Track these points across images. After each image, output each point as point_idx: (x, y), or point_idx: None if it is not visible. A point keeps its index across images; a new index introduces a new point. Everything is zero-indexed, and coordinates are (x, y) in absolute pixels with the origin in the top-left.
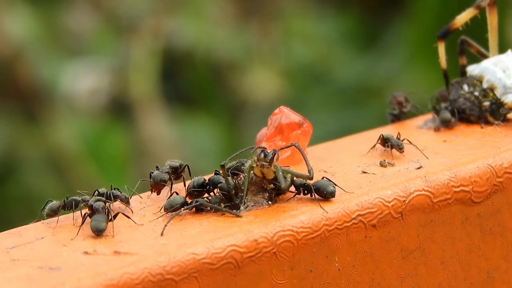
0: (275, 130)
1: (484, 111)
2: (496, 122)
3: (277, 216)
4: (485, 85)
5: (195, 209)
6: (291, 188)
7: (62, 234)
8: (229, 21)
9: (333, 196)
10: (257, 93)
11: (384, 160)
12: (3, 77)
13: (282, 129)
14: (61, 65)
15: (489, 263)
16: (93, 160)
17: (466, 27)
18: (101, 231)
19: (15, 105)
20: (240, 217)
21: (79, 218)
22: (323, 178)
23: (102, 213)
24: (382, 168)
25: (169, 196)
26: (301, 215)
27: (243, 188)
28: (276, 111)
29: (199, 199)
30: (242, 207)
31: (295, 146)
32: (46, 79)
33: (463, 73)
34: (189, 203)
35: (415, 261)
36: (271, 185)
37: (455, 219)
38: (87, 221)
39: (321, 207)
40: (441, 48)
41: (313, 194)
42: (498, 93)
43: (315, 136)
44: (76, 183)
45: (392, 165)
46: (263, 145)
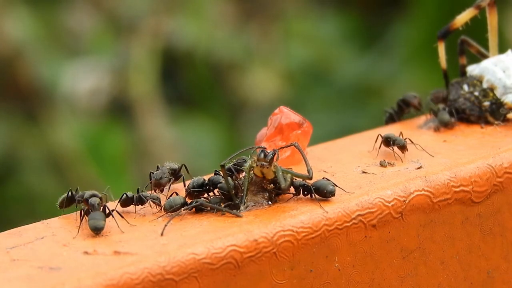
0: (275, 130)
1: (484, 111)
2: (496, 122)
3: (277, 216)
4: (485, 85)
5: (195, 209)
6: (291, 189)
7: (62, 234)
8: (229, 21)
9: (333, 195)
10: (257, 93)
11: (384, 160)
12: (3, 77)
13: (282, 129)
14: (61, 65)
15: (489, 263)
16: (93, 160)
17: (466, 27)
18: (100, 229)
19: (15, 105)
20: (240, 217)
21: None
22: (323, 179)
23: (99, 211)
24: (382, 168)
25: (168, 197)
26: (301, 215)
27: (243, 188)
28: (276, 111)
29: (199, 199)
30: (242, 207)
31: (294, 146)
32: (46, 79)
33: (463, 73)
34: (189, 203)
35: (415, 261)
36: (271, 185)
37: (455, 219)
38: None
39: (321, 207)
40: (441, 48)
41: (313, 195)
42: (498, 93)
43: (315, 136)
44: (76, 183)
45: (392, 165)
46: (263, 145)
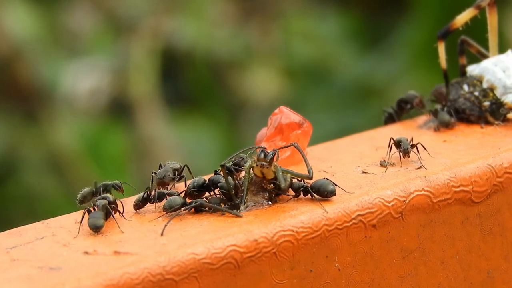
0: (275, 130)
1: (484, 111)
2: (496, 122)
3: (277, 216)
4: (485, 85)
5: (194, 209)
6: (291, 192)
7: (62, 234)
8: (229, 21)
9: (333, 195)
10: (257, 93)
11: (384, 160)
12: (3, 77)
13: (282, 129)
14: (61, 65)
15: (489, 263)
16: (93, 160)
17: (466, 27)
18: (99, 228)
19: (15, 105)
20: (240, 217)
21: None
22: (324, 179)
23: (100, 210)
24: (382, 168)
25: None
26: (301, 215)
27: (243, 188)
28: (276, 111)
29: (199, 199)
30: (242, 207)
31: (294, 146)
32: (46, 79)
33: (463, 73)
34: (188, 203)
35: (415, 261)
36: (271, 185)
37: (455, 219)
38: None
39: (322, 206)
40: (441, 48)
41: (312, 195)
42: (498, 93)
43: (315, 136)
44: (76, 183)
45: (392, 165)
46: (263, 145)
